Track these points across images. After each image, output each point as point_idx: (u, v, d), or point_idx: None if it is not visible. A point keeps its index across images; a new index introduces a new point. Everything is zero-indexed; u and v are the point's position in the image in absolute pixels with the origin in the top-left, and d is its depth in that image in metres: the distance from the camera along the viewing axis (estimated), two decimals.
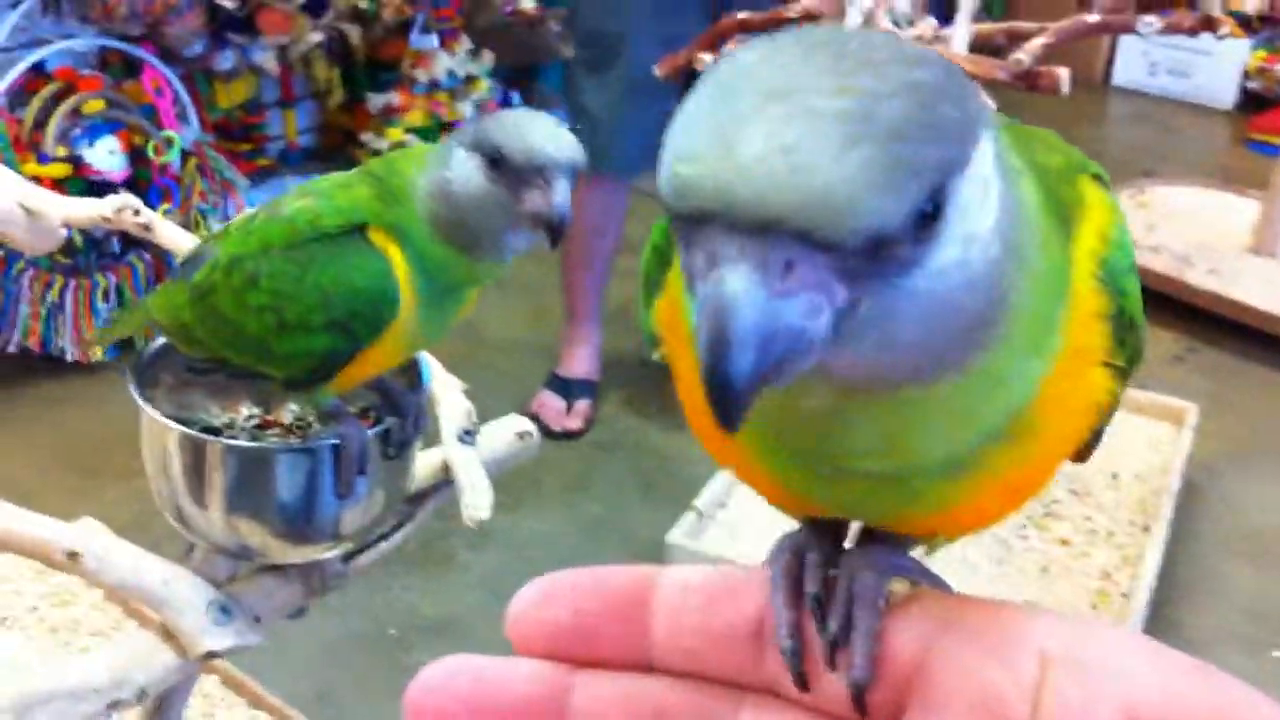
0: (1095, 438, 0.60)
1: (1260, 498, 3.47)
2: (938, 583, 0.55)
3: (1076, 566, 2.97)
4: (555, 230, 1.13)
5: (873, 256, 0.42)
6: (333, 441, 1.30)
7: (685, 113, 0.44)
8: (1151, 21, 2.89)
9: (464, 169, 1.15)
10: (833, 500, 0.56)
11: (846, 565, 0.54)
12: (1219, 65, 6.28)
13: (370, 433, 1.31)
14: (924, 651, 0.46)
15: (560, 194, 1.12)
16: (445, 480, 1.50)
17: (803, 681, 0.48)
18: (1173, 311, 4.30)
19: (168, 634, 1.26)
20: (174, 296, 1.30)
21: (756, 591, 0.50)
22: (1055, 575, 2.93)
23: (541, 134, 1.13)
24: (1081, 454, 0.61)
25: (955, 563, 2.94)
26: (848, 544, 0.61)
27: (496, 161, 1.13)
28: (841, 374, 0.46)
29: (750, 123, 0.41)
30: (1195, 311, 4.28)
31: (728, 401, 0.42)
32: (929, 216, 0.43)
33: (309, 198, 1.23)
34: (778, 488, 0.57)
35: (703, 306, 0.42)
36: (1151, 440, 3.46)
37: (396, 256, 1.19)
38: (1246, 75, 6.30)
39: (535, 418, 3.58)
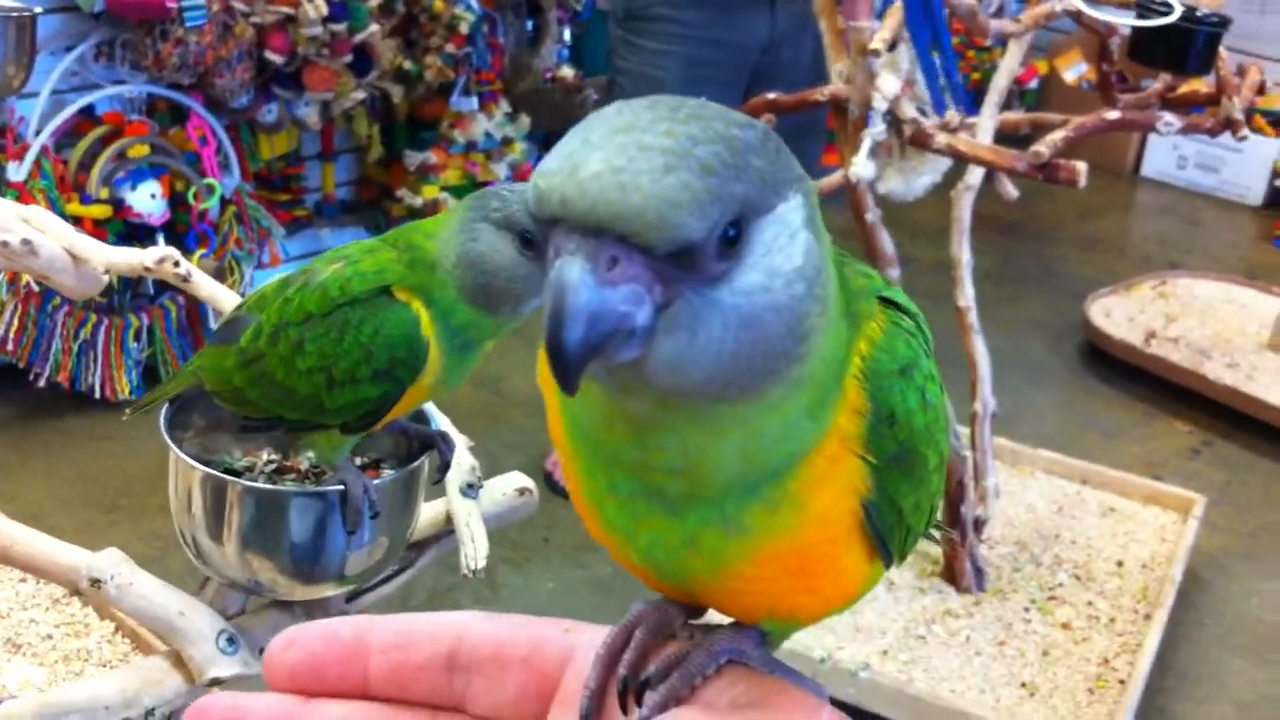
0: (879, 542, 0.67)
1: (1263, 593, 3.49)
2: (783, 674, 0.64)
3: (1077, 651, 2.99)
4: None
5: (684, 264, 0.53)
6: (341, 488, 1.38)
7: (557, 145, 0.55)
8: (1172, 121, 2.95)
9: (497, 245, 1.28)
10: (642, 550, 0.65)
11: (692, 642, 0.64)
12: (1249, 162, 6.34)
13: (375, 482, 1.39)
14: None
15: None
16: (446, 530, 1.58)
17: None
18: (1190, 404, 4.34)
19: (178, 660, 1.32)
20: (220, 361, 1.40)
21: (450, 632, 0.62)
22: (1055, 659, 2.96)
23: None
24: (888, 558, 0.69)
25: (957, 645, 2.97)
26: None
27: (529, 240, 1.26)
28: (659, 377, 0.55)
29: (594, 150, 0.53)
30: (1212, 404, 4.31)
31: (564, 365, 0.53)
32: (731, 241, 0.54)
33: (337, 264, 1.34)
34: (612, 540, 0.67)
35: (548, 290, 0.53)
36: (1159, 530, 3.49)
37: (421, 310, 1.31)
38: (1276, 173, 6.35)
39: (549, 475, 3.63)
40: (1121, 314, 4.77)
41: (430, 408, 1.54)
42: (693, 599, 0.68)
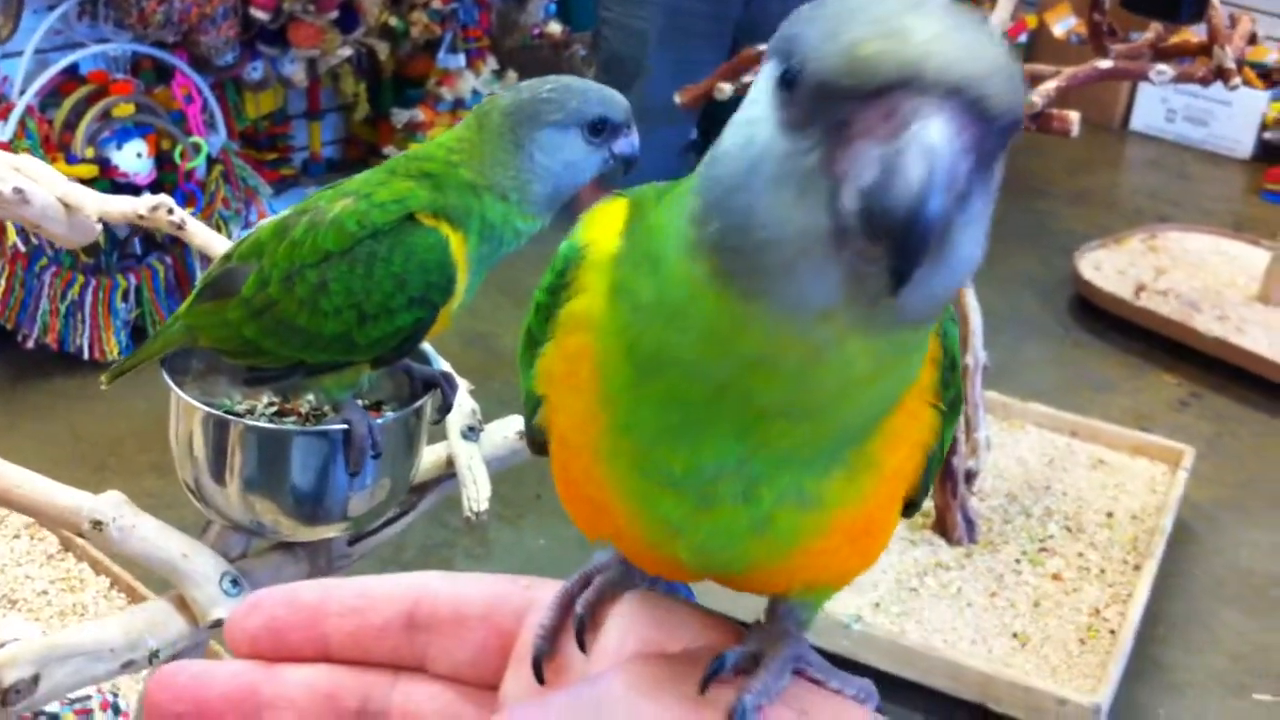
0: (923, 489, 0.65)
1: (1252, 542, 3.51)
2: (839, 682, 0.61)
3: (1068, 602, 3.01)
4: (630, 165, 1.35)
5: (999, 144, 0.48)
6: (344, 427, 1.37)
7: (825, 15, 0.47)
8: (1164, 70, 2.95)
9: (563, 144, 1.31)
10: (696, 543, 0.60)
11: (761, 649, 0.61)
12: (1237, 115, 6.33)
13: (378, 421, 1.39)
14: None
15: (635, 136, 1.36)
16: (448, 474, 1.58)
17: (539, 677, 0.59)
18: (1179, 356, 4.35)
19: (181, 603, 1.32)
20: (221, 315, 1.37)
21: (409, 592, 0.61)
22: (1046, 610, 2.98)
23: (619, 97, 1.35)
24: (908, 508, 0.66)
25: (949, 596, 2.98)
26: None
27: (599, 127, 1.31)
28: (930, 283, 0.48)
29: (913, 15, 0.46)
30: (1201, 357, 4.33)
31: (915, 241, 0.45)
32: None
33: (345, 200, 1.31)
34: (652, 539, 0.62)
35: (891, 161, 0.45)
36: (1149, 481, 3.51)
37: (450, 233, 1.31)
38: (1264, 126, 6.34)
39: None
40: (1111, 267, 4.77)
41: (430, 349, 1.53)
42: (727, 583, 0.64)
